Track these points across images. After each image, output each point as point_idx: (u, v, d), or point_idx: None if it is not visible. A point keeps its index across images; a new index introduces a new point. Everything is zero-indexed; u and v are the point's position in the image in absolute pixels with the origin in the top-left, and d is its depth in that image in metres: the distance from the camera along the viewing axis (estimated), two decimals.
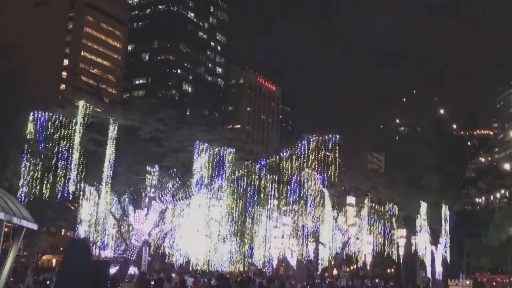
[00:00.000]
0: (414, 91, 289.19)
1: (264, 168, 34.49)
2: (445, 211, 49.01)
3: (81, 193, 30.24)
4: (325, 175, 38.84)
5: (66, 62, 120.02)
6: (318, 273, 48.52)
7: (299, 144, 34.58)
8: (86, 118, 26.20)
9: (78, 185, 28.29)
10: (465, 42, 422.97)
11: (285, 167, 34.79)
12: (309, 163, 36.61)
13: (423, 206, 47.21)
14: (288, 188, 38.77)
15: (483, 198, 71.72)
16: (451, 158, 56.08)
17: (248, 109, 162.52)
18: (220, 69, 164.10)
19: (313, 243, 48.13)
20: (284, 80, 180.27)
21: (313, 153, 36.41)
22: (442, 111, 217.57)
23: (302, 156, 36.00)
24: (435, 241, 51.34)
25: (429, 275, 52.95)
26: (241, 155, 32.70)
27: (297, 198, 40.44)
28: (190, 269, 48.01)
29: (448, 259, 52.27)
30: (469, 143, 59.82)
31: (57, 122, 27.12)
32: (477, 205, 68.94)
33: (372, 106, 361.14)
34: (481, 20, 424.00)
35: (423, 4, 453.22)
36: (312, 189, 39.44)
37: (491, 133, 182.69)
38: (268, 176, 34.68)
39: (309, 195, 39.92)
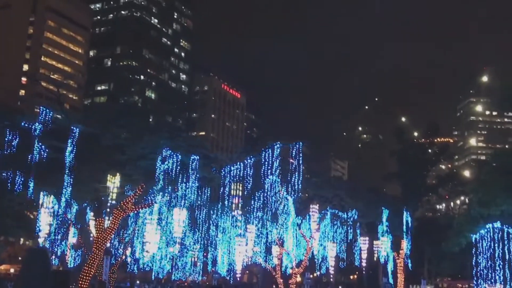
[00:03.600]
0: (376, 99, 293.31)
1: (228, 175, 34.33)
2: (406, 217, 49.67)
3: (40, 201, 29.55)
4: (289, 183, 38.92)
5: (26, 67, 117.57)
6: (281, 280, 48.48)
7: (264, 152, 34.55)
8: (46, 124, 25.64)
9: (38, 193, 27.63)
10: (426, 51, 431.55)
11: (249, 175, 34.71)
12: (273, 170, 36.61)
13: (385, 212, 47.75)
14: (253, 195, 38.73)
15: (444, 204, 73.08)
16: (412, 166, 56.92)
17: (213, 116, 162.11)
18: (184, 76, 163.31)
19: (277, 250, 48.13)
20: (249, 88, 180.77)
21: (277, 161, 36.43)
22: (403, 119, 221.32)
23: (266, 163, 35.99)
24: (396, 247, 51.96)
25: (391, 281, 53.52)
26: (205, 162, 32.50)
27: (262, 205, 40.45)
28: (153, 278, 47.44)
29: (410, 265, 52.94)
30: (429, 151, 60.82)
31: (16, 128, 26.45)
32: (438, 212, 70.18)
33: (335, 114, 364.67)
34: (441, 30, 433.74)
35: (386, 14, 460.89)
36: (276, 196, 39.46)
37: (451, 140, 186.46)
38: (233, 183, 34.54)
39: (273, 202, 39.94)
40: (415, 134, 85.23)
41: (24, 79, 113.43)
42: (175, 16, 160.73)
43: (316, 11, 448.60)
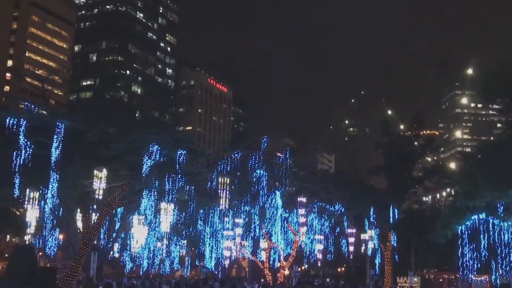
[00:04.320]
0: (362, 92, 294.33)
1: (215, 170, 34.32)
2: (393, 210, 49.98)
3: (26, 198, 29.35)
4: (277, 176, 39.04)
5: (10, 63, 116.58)
6: (270, 273, 48.72)
7: (251, 146, 34.60)
8: (31, 120, 25.45)
9: (23, 190, 27.45)
10: (411, 44, 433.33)
11: (236, 169, 34.73)
12: (261, 164, 36.68)
13: (372, 205, 48.04)
14: (240, 189, 38.80)
15: (430, 196, 73.53)
16: (398, 158, 57.08)
17: (200, 110, 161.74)
18: (170, 70, 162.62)
19: (265, 244, 48.36)
20: (235, 82, 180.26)
21: (265, 155, 36.50)
22: (389, 112, 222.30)
23: (253, 157, 36.03)
24: (383, 239, 52.34)
25: (378, 273, 53.96)
26: (192, 156, 32.42)
27: (249, 199, 40.54)
28: (141, 273, 47.44)
29: (397, 257, 53.34)
30: (415, 143, 61.01)
31: (0, 125, 26.19)
32: (424, 204, 70.62)
33: (322, 108, 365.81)
34: (425, 22, 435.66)
35: (369, 7, 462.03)
36: (263, 190, 39.57)
37: (437, 133, 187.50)
38: (220, 177, 34.54)
39: (261, 196, 40.05)
40: (401, 127, 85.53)
41: (8, 74, 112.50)
42: (160, 11, 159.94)
43: (310, 7, 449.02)
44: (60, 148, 25.47)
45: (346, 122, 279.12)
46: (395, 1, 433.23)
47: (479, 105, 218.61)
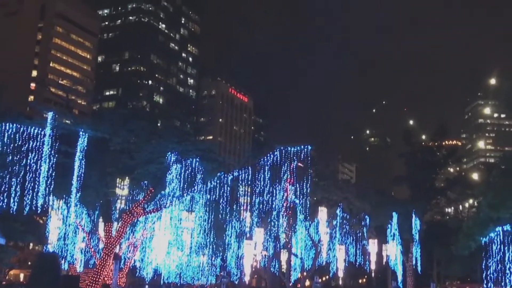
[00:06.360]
0: (384, 102, 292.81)
1: (237, 180, 34.34)
2: (415, 220, 49.47)
3: (50, 206, 29.66)
4: (297, 186, 38.90)
5: (35, 73, 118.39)
6: (290, 284, 48.46)
7: (271, 155, 34.56)
8: (54, 129, 25.76)
9: (47, 198, 27.75)
10: (434, 53, 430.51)
11: (257, 178, 34.71)
12: (281, 174, 36.61)
13: (394, 216, 47.60)
14: (261, 199, 38.75)
15: (452, 207, 72.68)
16: (420, 168, 56.65)
17: (220, 120, 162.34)
18: (192, 80, 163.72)
19: (285, 254, 48.13)
20: (256, 92, 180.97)
21: (285, 164, 36.42)
22: (411, 122, 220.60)
23: (274, 167, 35.98)
24: (405, 250, 51.78)
25: (400, 284, 53.35)
26: (213, 166, 32.52)
27: (270, 209, 40.43)
28: (162, 282, 47.50)
29: (419, 268, 52.74)
30: (438, 154, 60.49)
31: (25, 134, 26.56)
32: (447, 215, 69.84)
33: (343, 118, 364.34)
34: (448, 30, 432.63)
35: (392, 16, 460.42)
36: (284, 200, 39.46)
37: (460, 143, 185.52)
38: (241, 187, 34.57)
39: (282, 206, 39.91)
40: (423, 137, 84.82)
41: (33, 84, 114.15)
42: (182, 21, 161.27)
43: (324, 14, 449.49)
44: (83, 157, 25.75)
45: (367, 131, 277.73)
46: (414, 9, 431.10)
47: (502, 115, 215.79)
